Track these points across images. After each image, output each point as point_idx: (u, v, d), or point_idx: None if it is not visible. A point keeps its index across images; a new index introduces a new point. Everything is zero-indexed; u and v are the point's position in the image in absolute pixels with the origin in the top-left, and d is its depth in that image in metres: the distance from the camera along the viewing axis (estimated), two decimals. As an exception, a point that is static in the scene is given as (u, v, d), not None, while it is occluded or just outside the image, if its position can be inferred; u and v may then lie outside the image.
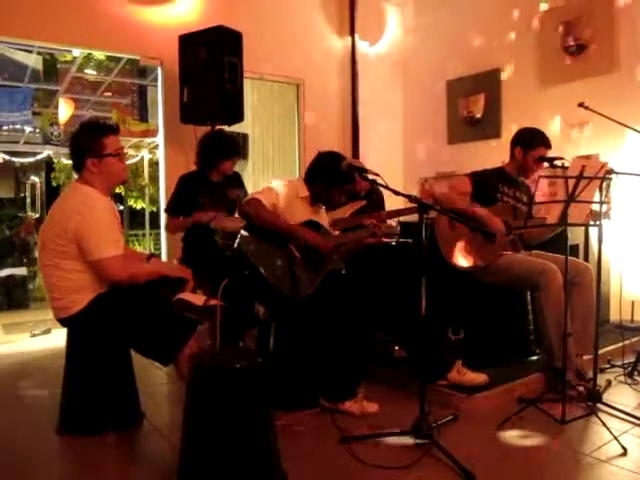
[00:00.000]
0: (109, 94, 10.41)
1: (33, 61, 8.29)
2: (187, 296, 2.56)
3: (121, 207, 13.31)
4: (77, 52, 7.37)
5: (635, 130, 3.51)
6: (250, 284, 2.73)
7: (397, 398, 3.07)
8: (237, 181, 3.96)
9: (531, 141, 3.38)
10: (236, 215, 3.71)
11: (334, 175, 2.98)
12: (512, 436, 2.62)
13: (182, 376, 2.45)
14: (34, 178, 13.96)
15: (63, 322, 2.60)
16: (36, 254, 8.06)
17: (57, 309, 2.57)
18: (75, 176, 2.71)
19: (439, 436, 2.46)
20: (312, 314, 2.81)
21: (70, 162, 2.82)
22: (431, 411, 2.51)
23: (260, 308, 3.16)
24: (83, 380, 2.71)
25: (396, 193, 2.58)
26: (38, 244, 2.61)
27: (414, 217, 2.86)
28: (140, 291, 2.54)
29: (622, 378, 3.37)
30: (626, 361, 3.51)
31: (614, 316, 4.34)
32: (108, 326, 2.54)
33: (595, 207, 2.95)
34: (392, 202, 3.90)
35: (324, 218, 3.17)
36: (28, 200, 14.26)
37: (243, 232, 2.80)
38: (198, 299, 2.52)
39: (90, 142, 2.57)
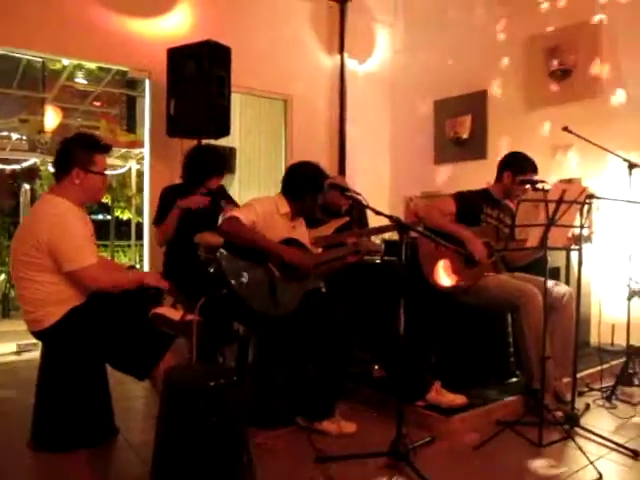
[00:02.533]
0: (98, 104, 10.39)
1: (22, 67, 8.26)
2: (164, 310, 2.52)
3: (108, 217, 13.21)
4: (67, 61, 7.37)
5: (616, 155, 3.56)
6: (228, 303, 2.71)
7: (375, 418, 3.05)
8: (224, 195, 3.93)
9: (521, 166, 3.41)
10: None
11: (308, 182, 3.00)
12: (489, 459, 2.60)
13: (158, 391, 2.41)
14: (26, 186, 13.74)
15: (37, 335, 2.56)
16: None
17: (31, 322, 2.53)
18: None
19: (416, 458, 2.44)
20: (291, 332, 2.79)
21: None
22: (408, 432, 2.49)
23: (239, 325, 3.14)
24: (56, 394, 2.66)
25: (377, 213, 2.58)
26: (10, 256, 2.57)
27: (396, 236, 2.86)
28: (116, 304, 2.52)
29: (600, 402, 3.37)
30: (605, 385, 3.51)
31: (594, 339, 4.35)
32: (83, 339, 2.50)
33: (576, 231, 2.97)
34: (377, 218, 3.90)
35: (305, 234, 3.15)
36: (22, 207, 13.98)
37: (222, 250, 2.78)
38: (175, 314, 2.49)
39: (82, 154, 2.56)
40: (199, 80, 4.28)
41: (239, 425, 2.05)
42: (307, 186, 3.01)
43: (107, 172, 2.70)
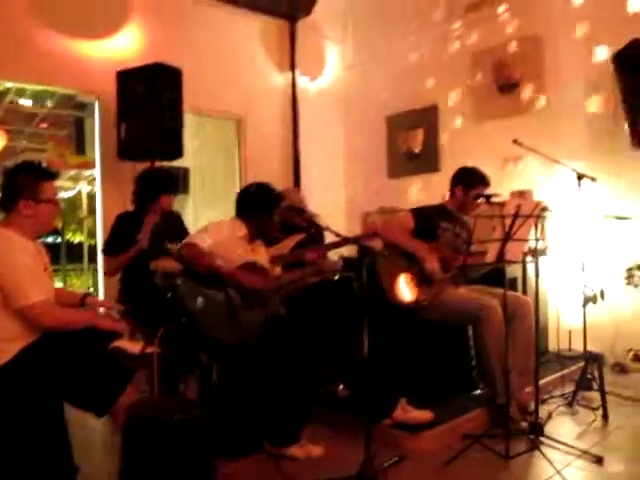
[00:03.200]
0: (45, 125, 10.14)
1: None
2: (123, 344, 2.44)
3: (59, 240, 12.88)
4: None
5: (564, 165, 3.66)
6: (188, 331, 2.65)
7: (343, 439, 3.00)
8: (178, 223, 3.86)
9: (471, 180, 3.47)
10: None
11: (262, 202, 3.01)
12: (458, 474, 2.62)
13: (117, 427, 2.34)
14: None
15: (-11, 374, 2.44)
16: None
17: (-20, 361, 2.41)
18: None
19: (385, 479, 2.42)
20: (254, 358, 2.75)
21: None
22: (377, 452, 2.47)
23: (201, 353, 3.07)
24: (10, 436, 2.54)
25: (337, 235, 2.58)
26: None
27: (354, 251, 2.86)
28: (73, 339, 2.42)
29: (563, 408, 3.43)
30: (566, 390, 3.58)
31: (552, 346, 4.45)
32: (38, 378, 2.39)
33: (532, 243, 3.03)
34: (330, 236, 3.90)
35: (264, 255, 3.12)
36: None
37: (179, 278, 2.72)
38: (134, 346, 2.42)
39: (27, 184, 2.44)
40: (150, 103, 4.21)
41: (205, 459, 2.00)
42: (261, 205, 3.02)
43: (57, 195, 2.60)
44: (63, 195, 10.97)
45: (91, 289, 8.98)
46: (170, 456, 1.89)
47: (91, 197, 11.33)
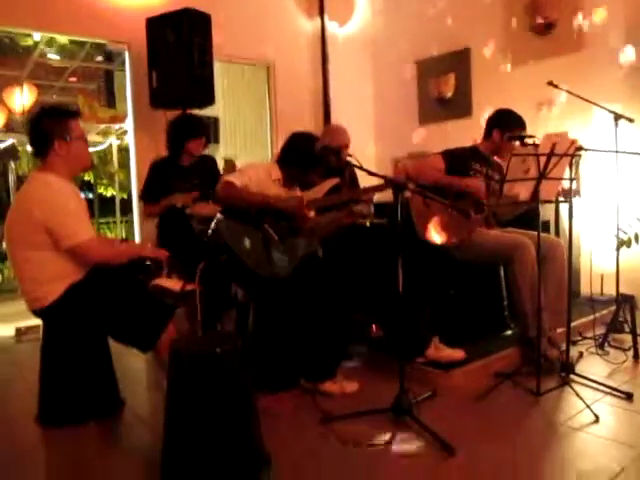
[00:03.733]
0: (74, 79, 10.18)
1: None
2: (163, 282, 2.53)
3: (90, 195, 13.07)
4: (38, 36, 7.18)
5: (601, 107, 3.58)
6: (227, 267, 2.72)
7: (376, 377, 3.10)
8: (211, 166, 3.93)
9: (510, 123, 3.41)
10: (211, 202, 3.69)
11: (308, 157, 2.97)
12: (490, 410, 2.68)
13: (161, 362, 2.45)
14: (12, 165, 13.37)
15: (38, 313, 2.56)
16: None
17: (31, 301, 2.53)
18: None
19: (419, 412, 2.50)
20: (290, 296, 2.82)
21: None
22: (410, 388, 2.54)
23: (238, 290, 3.16)
24: (60, 370, 2.68)
25: (370, 173, 2.59)
26: (5, 237, 2.54)
27: (387, 196, 2.87)
28: (116, 278, 2.52)
29: (593, 349, 3.46)
30: (597, 333, 3.60)
31: (584, 289, 4.44)
32: (84, 315, 2.51)
33: (565, 184, 3.00)
34: (366, 182, 3.91)
35: (298, 198, 3.16)
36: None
37: (219, 215, 2.79)
38: (175, 284, 2.50)
39: (56, 125, 2.51)
40: (180, 49, 4.21)
41: (247, 390, 2.08)
42: (304, 160, 3.01)
43: (90, 150, 2.66)
44: (93, 149, 11.10)
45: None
46: (214, 387, 1.96)
47: (121, 151, 11.45)
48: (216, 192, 2.87)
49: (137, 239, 5.06)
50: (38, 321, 2.74)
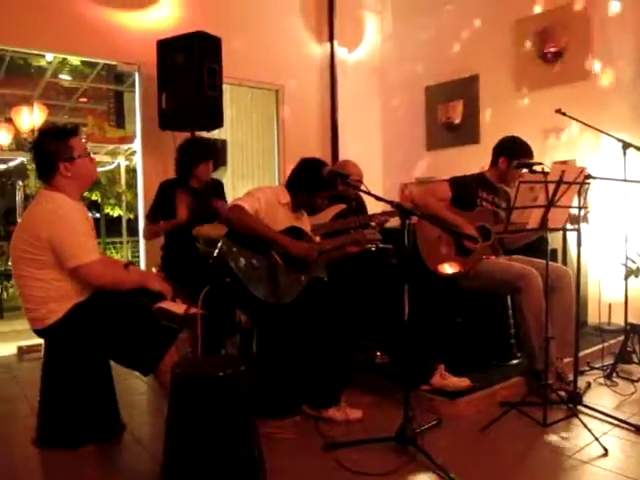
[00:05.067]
0: (85, 100, 10.31)
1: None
2: (167, 305, 2.51)
3: (97, 215, 13.13)
4: (51, 57, 7.28)
5: (610, 135, 3.58)
6: (231, 291, 2.70)
7: (380, 404, 3.06)
8: (218, 190, 3.93)
9: (516, 151, 3.40)
10: (217, 223, 3.68)
11: (316, 181, 2.96)
12: (495, 440, 2.63)
13: (163, 386, 2.41)
14: (20, 183, 13.45)
15: (40, 333, 2.54)
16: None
17: (33, 320, 2.50)
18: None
19: (423, 441, 2.46)
20: (294, 321, 2.79)
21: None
22: (414, 416, 2.50)
23: (242, 316, 3.13)
24: (61, 391, 2.65)
25: (378, 199, 2.59)
26: (11, 255, 2.54)
27: (395, 222, 2.87)
28: (119, 300, 2.50)
29: (601, 380, 3.41)
30: (605, 363, 3.55)
31: (592, 319, 4.40)
32: (87, 336, 2.48)
33: (574, 212, 2.98)
34: (373, 208, 3.91)
35: (306, 224, 3.15)
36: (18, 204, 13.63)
37: (225, 239, 2.78)
38: (178, 307, 2.48)
39: (59, 146, 2.50)
40: (190, 72, 4.24)
41: (249, 415, 2.05)
42: (314, 185, 2.99)
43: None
44: (102, 169, 11.17)
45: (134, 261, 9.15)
46: (215, 412, 1.94)
47: (129, 171, 11.54)
48: (224, 215, 2.86)
49: (142, 260, 5.05)
50: (40, 340, 2.72)
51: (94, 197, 13.35)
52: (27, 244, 2.42)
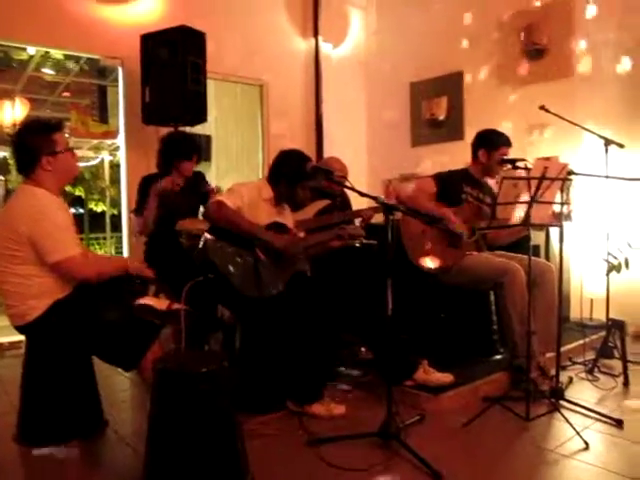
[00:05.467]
0: (68, 94, 10.18)
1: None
2: (149, 300, 2.49)
3: (81, 210, 13.02)
4: (33, 50, 7.19)
5: (592, 132, 3.60)
6: (214, 287, 2.69)
7: (364, 399, 3.07)
8: (198, 182, 3.90)
9: (493, 142, 3.44)
10: (200, 217, 3.67)
11: (297, 172, 2.95)
12: (478, 434, 2.64)
13: (146, 382, 2.40)
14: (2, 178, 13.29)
15: (20, 329, 2.51)
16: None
17: (13, 316, 2.48)
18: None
19: (406, 436, 2.46)
20: (277, 316, 2.78)
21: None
22: (398, 412, 2.51)
23: (225, 311, 3.12)
24: (42, 388, 2.62)
25: (362, 194, 2.59)
26: None
27: (379, 218, 2.87)
28: (101, 295, 2.48)
29: (583, 375, 3.44)
30: (587, 358, 3.59)
31: (574, 314, 4.44)
32: (68, 332, 2.46)
33: (556, 208, 3.00)
34: (357, 204, 3.91)
35: (289, 219, 3.14)
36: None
37: (207, 234, 2.76)
38: (161, 303, 2.46)
39: (42, 141, 2.47)
40: (174, 66, 4.21)
41: (232, 411, 2.04)
42: (294, 176, 2.98)
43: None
44: (85, 164, 11.07)
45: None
46: (198, 408, 1.93)
47: (113, 167, 11.43)
48: (207, 211, 2.84)
49: (126, 255, 5.02)
50: (21, 337, 2.69)
51: (78, 192, 13.24)
52: (7, 240, 2.39)
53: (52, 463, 2.45)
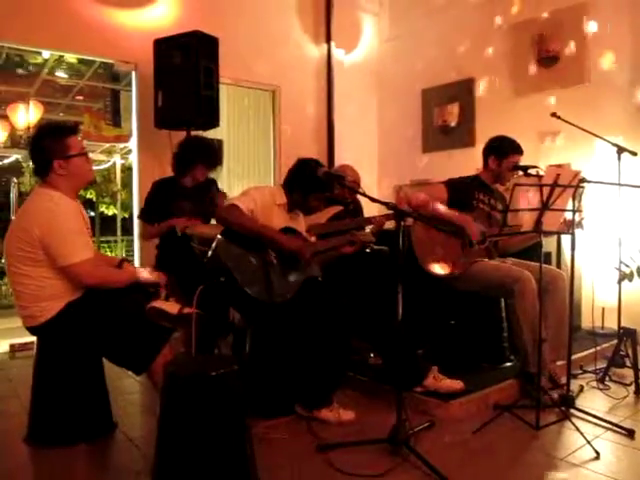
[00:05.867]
0: (81, 98, 10.26)
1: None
2: (161, 304, 2.50)
3: (92, 213, 13.07)
4: (47, 54, 7.25)
5: (604, 139, 3.59)
6: (225, 291, 2.70)
7: (373, 405, 3.06)
8: (211, 188, 3.90)
9: (504, 149, 3.43)
10: (212, 222, 3.67)
11: (311, 182, 2.96)
12: (488, 442, 2.63)
13: (156, 385, 2.41)
14: (15, 180, 13.40)
15: (32, 330, 2.53)
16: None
17: (26, 317, 2.50)
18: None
19: (415, 443, 2.46)
20: (288, 321, 2.79)
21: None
22: (407, 418, 2.49)
23: (235, 315, 3.13)
24: (53, 389, 2.64)
25: (373, 200, 2.59)
26: (5, 252, 2.52)
27: (390, 224, 2.86)
28: (113, 299, 2.49)
29: (594, 383, 3.42)
30: (598, 367, 3.56)
31: (585, 323, 4.41)
32: (79, 334, 2.48)
33: (568, 215, 2.99)
34: (369, 210, 3.92)
35: (301, 225, 3.15)
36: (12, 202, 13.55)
37: (219, 237, 2.77)
38: (172, 307, 2.47)
39: (55, 144, 2.49)
40: (187, 71, 4.24)
41: (241, 415, 2.04)
42: (311, 186, 2.99)
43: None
44: (97, 168, 11.12)
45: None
46: (207, 412, 1.93)
47: (125, 170, 11.49)
48: (219, 213, 2.86)
49: (137, 259, 5.04)
50: (33, 338, 2.71)
51: (89, 195, 13.29)
52: (21, 241, 2.41)
53: (61, 464, 2.46)
